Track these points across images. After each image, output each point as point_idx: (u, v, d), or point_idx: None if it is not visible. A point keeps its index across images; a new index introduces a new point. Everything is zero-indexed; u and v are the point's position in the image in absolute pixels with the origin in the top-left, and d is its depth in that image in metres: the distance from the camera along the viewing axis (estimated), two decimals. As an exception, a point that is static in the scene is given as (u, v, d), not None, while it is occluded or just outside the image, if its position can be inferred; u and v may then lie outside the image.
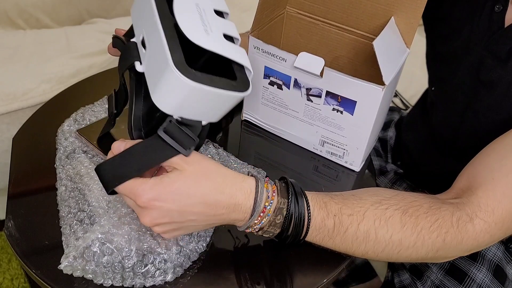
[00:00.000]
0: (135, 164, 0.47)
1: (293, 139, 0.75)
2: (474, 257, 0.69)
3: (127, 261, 0.53)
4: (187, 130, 0.47)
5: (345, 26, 0.72)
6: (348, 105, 0.63)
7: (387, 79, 0.58)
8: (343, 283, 1.16)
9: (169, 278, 0.53)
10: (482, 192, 0.54)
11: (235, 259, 0.57)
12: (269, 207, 0.50)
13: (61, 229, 0.57)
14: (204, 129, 0.49)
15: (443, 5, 0.70)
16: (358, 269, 1.17)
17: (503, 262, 0.69)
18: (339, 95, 0.63)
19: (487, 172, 0.56)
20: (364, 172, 0.73)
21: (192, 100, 0.45)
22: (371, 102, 0.61)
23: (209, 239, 0.58)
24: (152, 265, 0.53)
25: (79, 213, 0.58)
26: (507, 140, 0.58)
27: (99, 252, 0.53)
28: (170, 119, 0.46)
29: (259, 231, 0.51)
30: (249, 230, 0.51)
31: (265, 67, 0.67)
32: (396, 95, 1.36)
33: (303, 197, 0.51)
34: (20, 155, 0.69)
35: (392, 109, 0.99)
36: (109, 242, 0.53)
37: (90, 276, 0.52)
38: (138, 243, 0.54)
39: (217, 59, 0.47)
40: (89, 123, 0.73)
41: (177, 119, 0.46)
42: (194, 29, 0.45)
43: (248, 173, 0.52)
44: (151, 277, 0.52)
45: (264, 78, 0.69)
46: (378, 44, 0.58)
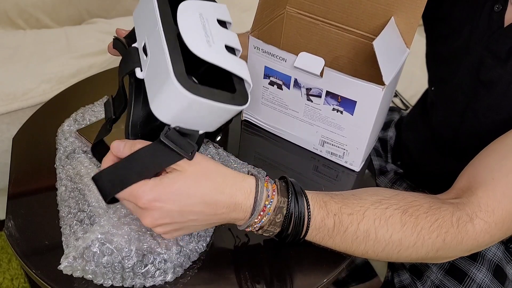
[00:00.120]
0: (138, 169, 0.47)
1: (293, 139, 0.75)
2: (474, 257, 0.69)
3: (127, 261, 0.53)
4: (187, 138, 0.47)
5: (345, 26, 0.72)
6: (348, 105, 0.63)
7: (387, 79, 0.58)
8: (343, 283, 1.16)
9: (169, 278, 0.53)
10: (482, 192, 0.54)
11: (235, 259, 0.57)
12: (269, 206, 0.50)
13: (61, 229, 0.57)
14: (200, 136, 0.50)
15: (443, 5, 0.70)
16: (358, 269, 1.17)
17: (503, 262, 0.69)
18: (339, 95, 0.63)
19: (487, 172, 0.56)
20: (364, 172, 0.73)
21: (191, 111, 0.45)
22: (371, 102, 0.61)
23: (209, 239, 0.58)
24: (152, 265, 0.53)
25: (79, 213, 0.58)
26: (507, 140, 0.58)
27: (99, 252, 0.53)
28: (170, 127, 0.46)
29: (259, 230, 0.51)
30: (249, 229, 0.51)
31: (265, 67, 0.67)
32: (396, 95, 1.36)
33: (303, 196, 0.51)
34: (20, 155, 0.69)
35: (392, 109, 0.99)
36: (109, 242, 0.53)
37: (90, 276, 0.52)
38: (138, 243, 0.54)
39: (218, 68, 0.47)
40: (89, 123, 0.73)
41: (174, 128, 0.46)
42: (196, 40, 0.45)
43: (248, 172, 0.52)
44: (151, 277, 0.52)
45: (264, 78, 0.69)
46: (378, 44, 0.58)
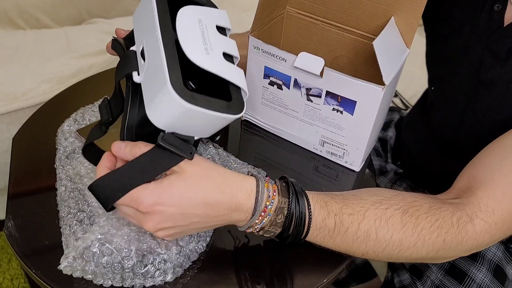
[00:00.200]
0: (139, 174, 0.46)
1: (293, 139, 0.75)
2: (474, 257, 0.69)
3: (126, 261, 0.53)
4: (184, 142, 0.47)
5: (345, 26, 0.72)
6: (348, 105, 0.63)
7: (387, 79, 0.58)
8: (343, 283, 1.16)
9: (169, 278, 0.53)
10: (482, 192, 0.54)
11: (235, 259, 0.57)
12: (270, 206, 0.50)
13: (61, 229, 0.57)
14: (196, 140, 0.50)
15: (443, 5, 0.70)
16: (358, 269, 1.16)
17: (503, 262, 0.69)
18: (339, 95, 0.63)
19: (487, 172, 0.56)
20: (364, 172, 0.73)
21: (186, 119, 0.45)
22: (371, 102, 0.61)
23: (209, 239, 0.58)
24: (151, 265, 0.53)
25: (78, 214, 0.58)
26: (507, 140, 0.58)
27: (98, 252, 0.53)
28: (168, 132, 0.47)
29: (260, 230, 0.51)
30: (250, 230, 0.51)
31: (265, 67, 0.67)
32: (396, 95, 1.36)
33: (304, 196, 0.51)
34: (20, 155, 0.69)
35: (392, 109, 0.99)
36: (108, 242, 0.53)
37: (89, 276, 0.52)
38: (137, 243, 0.54)
39: (217, 78, 0.48)
40: (89, 123, 0.73)
41: (171, 132, 0.47)
42: (194, 48, 0.45)
43: (248, 173, 0.52)
44: (150, 277, 0.52)
45: (264, 78, 0.69)
46: (378, 44, 0.58)
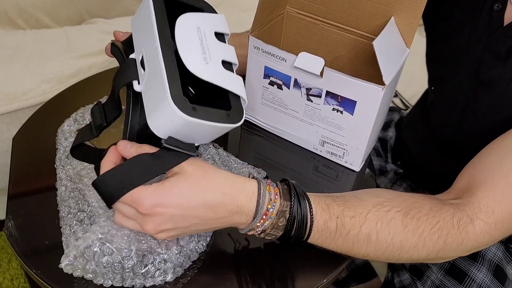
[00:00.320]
0: (143, 171, 0.47)
1: (293, 139, 0.75)
2: (474, 257, 0.69)
3: (127, 261, 0.53)
4: (185, 149, 0.48)
5: (345, 26, 0.72)
6: (348, 105, 0.63)
7: (387, 79, 0.58)
8: (343, 283, 1.16)
9: (169, 278, 0.53)
10: (482, 192, 0.54)
11: (235, 259, 0.57)
12: (271, 209, 0.49)
13: (61, 229, 0.57)
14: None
15: (443, 5, 0.70)
16: (358, 269, 1.16)
17: (503, 262, 0.69)
18: (339, 95, 0.63)
19: (487, 172, 0.56)
20: (364, 172, 0.73)
21: (187, 130, 0.46)
22: (371, 102, 0.61)
23: (209, 239, 0.58)
24: (152, 265, 0.53)
25: (79, 214, 0.58)
26: (507, 140, 0.58)
27: (99, 252, 0.53)
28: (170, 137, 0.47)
29: (261, 233, 0.51)
30: (251, 232, 0.51)
31: (265, 67, 0.67)
32: (396, 95, 1.36)
33: (306, 199, 0.51)
34: (20, 155, 0.69)
35: (392, 109, 0.99)
36: (109, 242, 0.53)
37: (90, 276, 0.52)
38: (138, 243, 0.54)
39: (216, 86, 0.48)
40: (89, 122, 0.73)
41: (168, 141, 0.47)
42: (193, 59, 0.46)
43: (249, 175, 0.52)
44: (151, 277, 0.52)
45: (264, 78, 0.69)
46: (378, 44, 0.58)
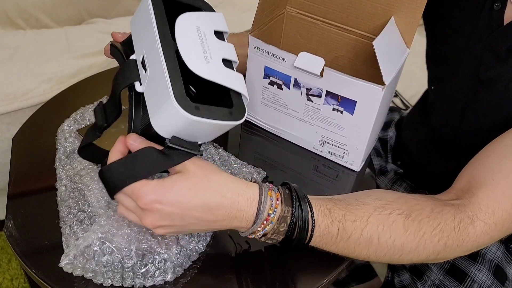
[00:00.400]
0: (148, 165, 0.47)
1: (293, 139, 0.75)
2: (474, 257, 0.69)
3: (126, 261, 0.53)
4: (188, 146, 0.48)
5: (345, 26, 0.72)
6: (348, 105, 0.63)
7: (387, 79, 0.58)
8: (343, 283, 1.16)
9: (169, 278, 0.53)
10: (482, 193, 0.54)
11: (235, 259, 0.57)
12: (272, 215, 0.49)
13: (61, 229, 0.57)
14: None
15: (443, 4, 0.70)
16: (358, 269, 1.17)
17: (503, 262, 0.69)
18: (339, 95, 0.63)
19: (487, 172, 0.56)
20: (364, 172, 0.73)
21: (190, 128, 0.46)
22: (371, 102, 0.61)
23: (209, 239, 0.58)
24: (152, 265, 0.53)
25: (79, 214, 0.58)
26: (507, 140, 0.58)
27: (99, 251, 0.53)
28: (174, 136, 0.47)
29: (262, 237, 0.51)
30: (252, 236, 0.51)
31: (265, 67, 0.67)
32: (396, 95, 1.36)
33: (307, 204, 0.51)
34: (20, 155, 0.69)
35: (392, 109, 0.99)
36: (109, 241, 0.53)
37: (90, 275, 0.52)
38: (137, 243, 0.54)
39: (218, 85, 0.48)
40: (89, 123, 0.73)
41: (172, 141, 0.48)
42: (195, 58, 0.46)
43: (251, 179, 0.52)
44: (151, 277, 0.52)
45: (264, 78, 0.69)
46: (378, 44, 0.58)
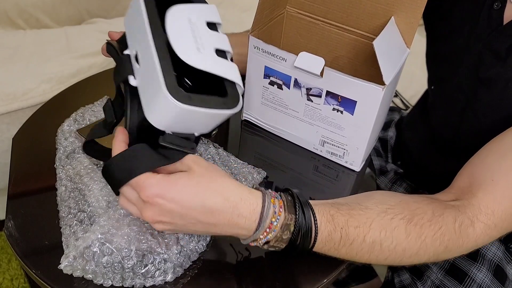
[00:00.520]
0: (145, 160, 0.47)
1: (293, 139, 0.75)
2: (474, 257, 0.69)
3: (127, 261, 0.53)
4: (182, 142, 0.48)
5: (345, 26, 0.72)
6: (348, 105, 0.63)
7: (387, 79, 0.58)
8: (343, 283, 1.16)
9: (169, 278, 0.53)
10: (482, 193, 0.54)
11: (235, 259, 0.57)
12: (275, 223, 0.49)
13: (61, 229, 0.57)
14: (197, 137, 0.51)
15: (443, 4, 0.70)
16: (358, 269, 1.17)
17: (503, 262, 0.69)
18: (339, 95, 0.63)
19: (486, 172, 0.56)
20: (364, 172, 0.73)
21: (184, 119, 0.46)
22: (371, 102, 0.61)
23: (209, 239, 0.58)
24: (152, 265, 0.53)
25: (79, 214, 0.58)
26: (506, 139, 0.58)
27: (99, 252, 0.53)
28: (163, 140, 0.47)
29: (264, 245, 0.51)
30: (253, 244, 0.51)
31: (265, 67, 0.67)
32: (396, 95, 1.36)
33: (310, 211, 0.50)
34: (20, 155, 0.69)
35: (392, 109, 0.99)
36: (109, 242, 0.53)
37: (90, 276, 0.52)
38: (137, 243, 0.54)
39: (212, 75, 0.48)
40: (89, 123, 0.73)
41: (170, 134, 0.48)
42: (186, 49, 0.46)
43: (253, 186, 0.52)
44: (151, 277, 0.52)
45: (264, 78, 0.69)
46: (378, 44, 0.58)
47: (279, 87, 0.68)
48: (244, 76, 0.73)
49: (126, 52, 0.50)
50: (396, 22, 0.65)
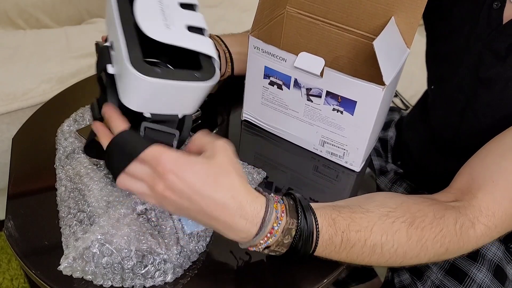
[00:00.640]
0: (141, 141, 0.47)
1: (293, 139, 0.75)
2: (474, 257, 0.69)
3: (126, 262, 0.53)
4: (164, 127, 0.47)
5: (345, 26, 0.72)
6: (348, 105, 0.63)
7: (387, 79, 0.58)
8: (343, 283, 1.16)
9: (169, 278, 0.53)
10: (482, 195, 0.54)
11: (235, 259, 0.57)
12: (277, 227, 0.48)
13: (61, 229, 0.57)
14: (186, 120, 0.50)
15: (443, 4, 0.70)
16: (358, 269, 1.16)
17: (503, 262, 0.69)
18: (339, 95, 0.63)
19: (486, 173, 0.56)
20: (364, 172, 0.73)
21: (157, 95, 0.45)
22: (371, 102, 0.61)
23: (208, 239, 0.58)
24: (152, 265, 0.53)
25: (78, 214, 0.58)
26: (505, 139, 0.58)
27: (98, 253, 0.53)
28: (144, 125, 0.47)
29: (264, 249, 0.50)
30: (253, 248, 0.50)
31: (265, 67, 0.67)
32: (396, 95, 1.36)
33: (312, 215, 0.50)
34: (20, 155, 0.69)
35: (392, 109, 0.99)
36: (108, 243, 0.53)
37: (89, 277, 0.52)
38: (137, 243, 0.54)
39: (186, 54, 0.47)
40: (89, 123, 0.73)
41: (150, 117, 0.47)
42: (152, 25, 0.46)
43: (255, 188, 0.51)
44: (150, 277, 0.52)
45: (264, 78, 0.69)
46: (378, 44, 0.58)
47: (279, 87, 0.68)
48: (244, 76, 0.73)
49: (105, 44, 0.50)
50: (396, 22, 0.65)
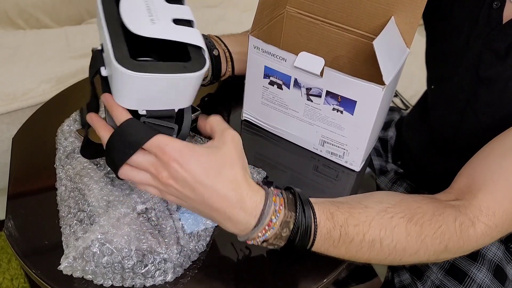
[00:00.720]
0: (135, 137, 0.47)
1: (293, 139, 0.75)
2: (474, 257, 0.69)
3: (127, 261, 0.53)
4: (163, 122, 0.48)
5: (345, 26, 0.72)
6: (348, 105, 0.63)
7: (387, 79, 0.58)
8: (343, 283, 1.16)
9: (169, 278, 0.53)
10: (483, 194, 0.54)
11: (235, 259, 0.57)
12: (275, 220, 0.49)
13: (61, 229, 0.57)
14: (185, 117, 0.50)
15: (443, 4, 0.70)
16: (358, 269, 1.17)
17: (503, 262, 0.69)
18: (339, 95, 0.63)
19: (486, 173, 0.56)
20: (364, 172, 0.73)
21: (148, 91, 0.45)
22: (371, 102, 0.61)
23: (209, 238, 0.58)
24: (152, 265, 0.53)
25: (79, 213, 0.58)
26: (506, 139, 0.58)
27: (98, 252, 0.53)
28: (143, 120, 0.47)
29: (263, 242, 0.50)
30: (251, 242, 0.50)
31: (265, 67, 0.67)
32: (396, 95, 1.36)
33: (310, 208, 0.50)
34: (20, 155, 0.69)
35: (392, 109, 0.99)
36: (108, 242, 0.53)
37: (90, 276, 0.52)
38: (138, 243, 0.54)
39: (176, 48, 0.47)
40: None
41: (146, 114, 0.47)
42: (138, 22, 0.46)
43: (256, 183, 0.51)
44: (151, 277, 0.52)
45: (264, 78, 0.69)
46: (378, 44, 0.58)
47: (279, 87, 0.68)
48: (244, 76, 0.73)
49: (98, 48, 0.50)
50: (396, 22, 0.65)
